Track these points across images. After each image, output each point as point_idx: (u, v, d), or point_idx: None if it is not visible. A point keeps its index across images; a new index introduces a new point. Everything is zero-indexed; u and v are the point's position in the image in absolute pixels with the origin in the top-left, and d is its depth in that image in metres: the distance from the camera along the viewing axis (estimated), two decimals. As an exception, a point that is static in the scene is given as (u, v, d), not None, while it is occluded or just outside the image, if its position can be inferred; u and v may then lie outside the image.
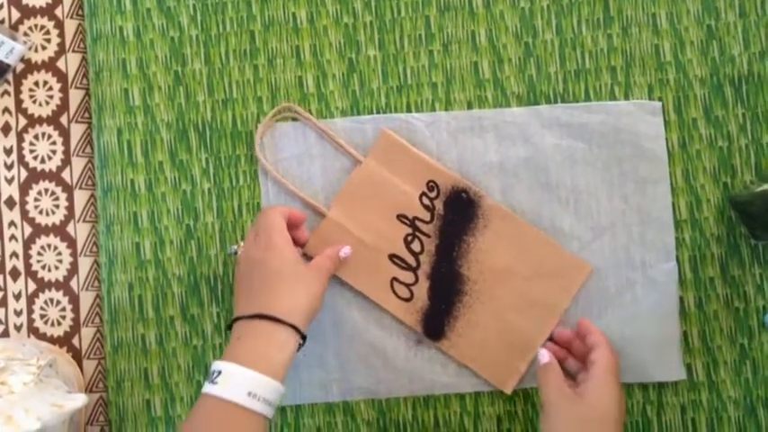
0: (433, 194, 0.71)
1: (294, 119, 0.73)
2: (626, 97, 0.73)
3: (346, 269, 0.70)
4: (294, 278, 0.64)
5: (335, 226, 0.71)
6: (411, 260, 0.71)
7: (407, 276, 0.71)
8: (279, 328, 0.61)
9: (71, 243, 0.75)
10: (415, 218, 0.71)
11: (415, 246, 0.71)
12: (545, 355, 0.66)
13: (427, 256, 0.71)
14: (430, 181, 0.71)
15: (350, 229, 0.70)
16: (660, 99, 0.73)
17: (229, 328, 0.64)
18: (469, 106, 0.74)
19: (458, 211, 0.71)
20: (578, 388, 0.64)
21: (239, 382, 0.59)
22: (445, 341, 0.70)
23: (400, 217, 0.71)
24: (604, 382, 0.63)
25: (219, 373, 0.59)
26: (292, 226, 0.69)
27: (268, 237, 0.64)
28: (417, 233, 0.71)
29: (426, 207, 0.71)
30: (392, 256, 0.71)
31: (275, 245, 0.64)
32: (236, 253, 0.68)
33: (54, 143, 0.75)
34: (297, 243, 0.69)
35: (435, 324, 0.70)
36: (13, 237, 0.74)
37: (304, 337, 0.63)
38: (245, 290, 0.64)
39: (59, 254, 0.74)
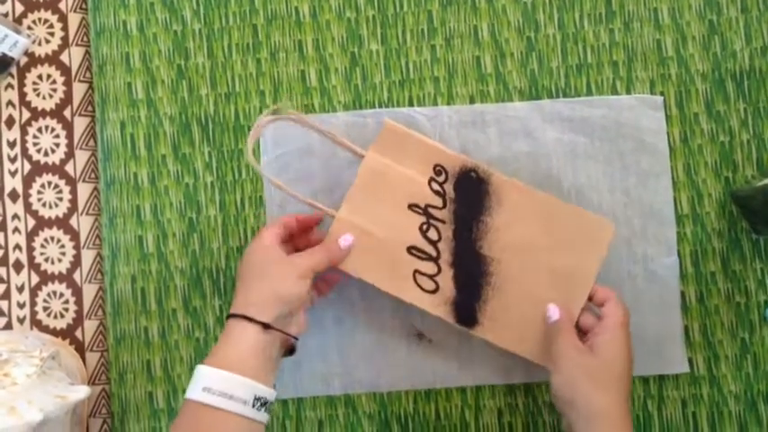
0: (441, 178, 0.69)
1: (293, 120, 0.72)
2: (628, 92, 0.73)
3: (366, 269, 0.68)
4: (257, 274, 0.63)
5: (346, 225, 0.68)
6: (430, 250, 0.68)
7: (429, 267, 0.68)
8: (233, 323, 0.61)
9: (74, 236, 0.75)
10: (428, 205, 0.69)
11: (432, 234, 0.69)
12: (555, 312, 0.66)
13: (446, 243, 0.69)
14: (436, 165, 0.69)
15: (361, 225, 0.68)
16: (662, 94, 0.73)
17: None
18: (471, 101, 0.74)
19: (469, 192, 0.69)
20: (589, 341, 0.63)
21: (196, 380, 0.59)
22: (479, 327, 0.68)
23: (412, 206, 0.69)
24: (615, 335, 0.63)
25: None
26: (303, 230, 0.68)
27: (250, 248, 0.64)
28: (432, 221, 0.69)
29: (437, 192, 0.69)
30: (410, 249, 0.68)
31: (248, 250, 0.64)
32: None
33: (57, 136, 0.75)
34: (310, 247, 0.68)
35: (466, 311, 0.68)
36: (16, 229, 0.75)
37: (288, 349, 0.64)
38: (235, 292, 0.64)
39: (62, 246, 0.75)
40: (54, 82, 0.76)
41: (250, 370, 0.59)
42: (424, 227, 0.69)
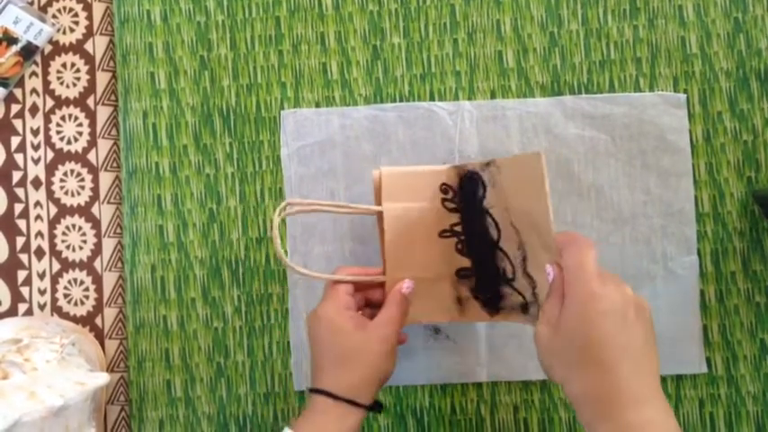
0: (449, 195, 0.67)
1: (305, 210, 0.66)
2: (651, 89, 0.73)
3: (431, 312, 0.67)
4: (354, 353, 0.61)
5: (395, 283, 0.65)
6: (469, 263, 0.67)
7: (474, 281, 0.67)
8: (333, 405, 0.60)
9: (95, 224, 0.75)
10: (452, 225, 0.67)
11: (464, 249, 0.67)
12: (551, 272, 0.55)
13: (471, 252, 0.67)
14: (442, 185, 0.67)
15: (411, 276, 0.65)
16: (685, 91, 0.73)
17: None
18: (493, 95, 0.73)
19: (470, 194, 0.67)
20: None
21: None
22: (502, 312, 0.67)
23: (442, 234, 0.67)
24: (571, 301, 0.51)
25: None
26: (365, 286, 0.66)
27: (320, 310, 0.63)
28: (459, 237, 0.67)
29: (452, 210, 0.67)
30: (458, 272, 0.67)
31: (324, 319, 0.62)
32: None
33: (80, 125, 0.76)
34: (373, 303, 0.66)
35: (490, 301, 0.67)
36: (38, 217, 0.75)
37: (374, 405, 0.62)
38: (314, 360, 0.63)
39: (84, 234, 0.75)
40: (78, 71, 0.76)
41: None
42: (459, 246, 0.67)
